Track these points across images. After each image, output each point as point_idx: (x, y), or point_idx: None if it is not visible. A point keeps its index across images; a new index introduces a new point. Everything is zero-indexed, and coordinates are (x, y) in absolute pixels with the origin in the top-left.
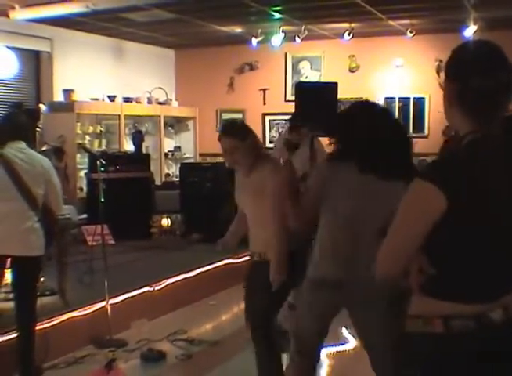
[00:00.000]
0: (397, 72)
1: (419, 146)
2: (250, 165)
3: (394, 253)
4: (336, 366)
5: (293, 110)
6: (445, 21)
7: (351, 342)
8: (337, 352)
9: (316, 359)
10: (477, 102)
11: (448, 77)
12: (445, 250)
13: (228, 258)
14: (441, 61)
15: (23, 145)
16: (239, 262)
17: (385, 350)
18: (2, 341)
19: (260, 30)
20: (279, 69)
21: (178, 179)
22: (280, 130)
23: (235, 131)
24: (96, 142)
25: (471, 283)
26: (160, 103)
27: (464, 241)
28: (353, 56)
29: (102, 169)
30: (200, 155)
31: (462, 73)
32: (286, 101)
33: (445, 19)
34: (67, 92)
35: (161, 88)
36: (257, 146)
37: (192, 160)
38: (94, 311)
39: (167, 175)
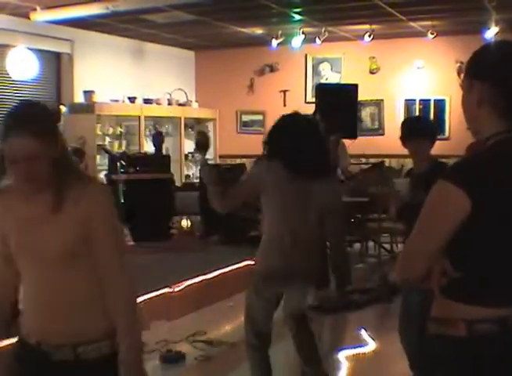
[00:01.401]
0: (417, 74)
1: (439, 147)
2: (57, 190)
3: (416, 255)
4: (355, 368)
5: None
6: (466, 23)
7: (371, 344)
8: (356, 354)
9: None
10: None
11: (477, 78)
12: (469, 252)
13: (247, 259)
14: (462, 63)
15: None
16: None
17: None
18: None
19: (280, 32)
20: (300, 70)
21: (197, 181)
22: None
23: (39, 126)
24: (116, 144)
25: (495, 285)
26: (180, 105)
27: (488, 243)
28: (373, 57)
29: (122, 170)
30: (220, 157)
31: (496, 73)
32: (306, 102)
33: (466, 20)
34: (88, 94)
35: (181, 90)
36: (69, 156)
37: (211, 162)
38: None
39: (187, 176)
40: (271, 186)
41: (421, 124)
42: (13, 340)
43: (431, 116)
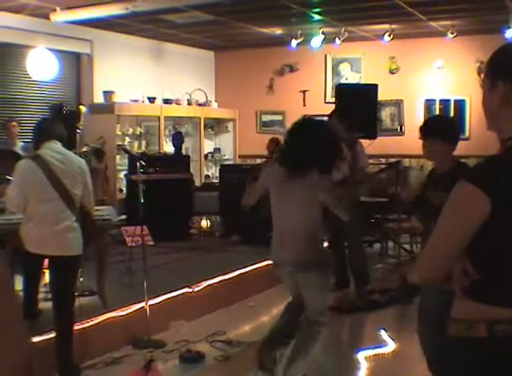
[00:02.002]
0: (437, 74)
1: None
2: None
3: (437, 257)
4: (375, 368)
5: None
6: (486, 22)
7: (390, 345)
8: (375, 354)
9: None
10: None
11: (499, 78)
12: (490, 253)
13: (268, 259)
14: (482, 62)
15: (58, 145)
16: None
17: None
18: (41, 341)
19: (300, 32)
20: (319, 70)
21: (217, 181)
22: None
23: None
24: (136, 144)
25: None
26: (199, 105)
27: (509, 244)
28: (393, 57)
29: (142, 170)
30: (240, 157)
31: None
32: (326, 103)
33: (486, 20)
34: (107, 94)
35: (201, 90)
36: None
37: (231, 162)
38: (133, 311)
39: (207, 176)
40: (271, 186)
41: (434, 124)
42: None
43: (451, 116)
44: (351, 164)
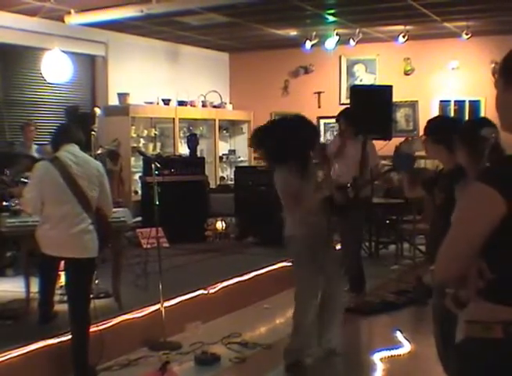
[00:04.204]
0: (452, 75)
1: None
2: None
3: (451, 257)
4: (390, 370)
5: None
6: (501, 23)
7: (406, 346)
8: (391, 356)
9: None
10: None
11: None
12: (504, 253)
13: (283, 261)
14: (497, 63)
15: (76, 148)
16: None
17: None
18: (58, 343)
19: (314, 33)
20: (334, 72)
21: (232, 183)
22: (335, 133)
23: None
24: (151, 146)
25: None
26: (214, 107)
27: None
28: (408, 58)
29: (157, 172)
30: (255, 158)
31: None
32: (340, 104)
33: (501, 20)
34: (122, 96)
35: (216, 92)
36: None
37: (246, 164)
38: (148, 313)
39: (222, 178)
40: None
41: (428, 124)
42: None
43: (466, 117)
44: (361, 165)
